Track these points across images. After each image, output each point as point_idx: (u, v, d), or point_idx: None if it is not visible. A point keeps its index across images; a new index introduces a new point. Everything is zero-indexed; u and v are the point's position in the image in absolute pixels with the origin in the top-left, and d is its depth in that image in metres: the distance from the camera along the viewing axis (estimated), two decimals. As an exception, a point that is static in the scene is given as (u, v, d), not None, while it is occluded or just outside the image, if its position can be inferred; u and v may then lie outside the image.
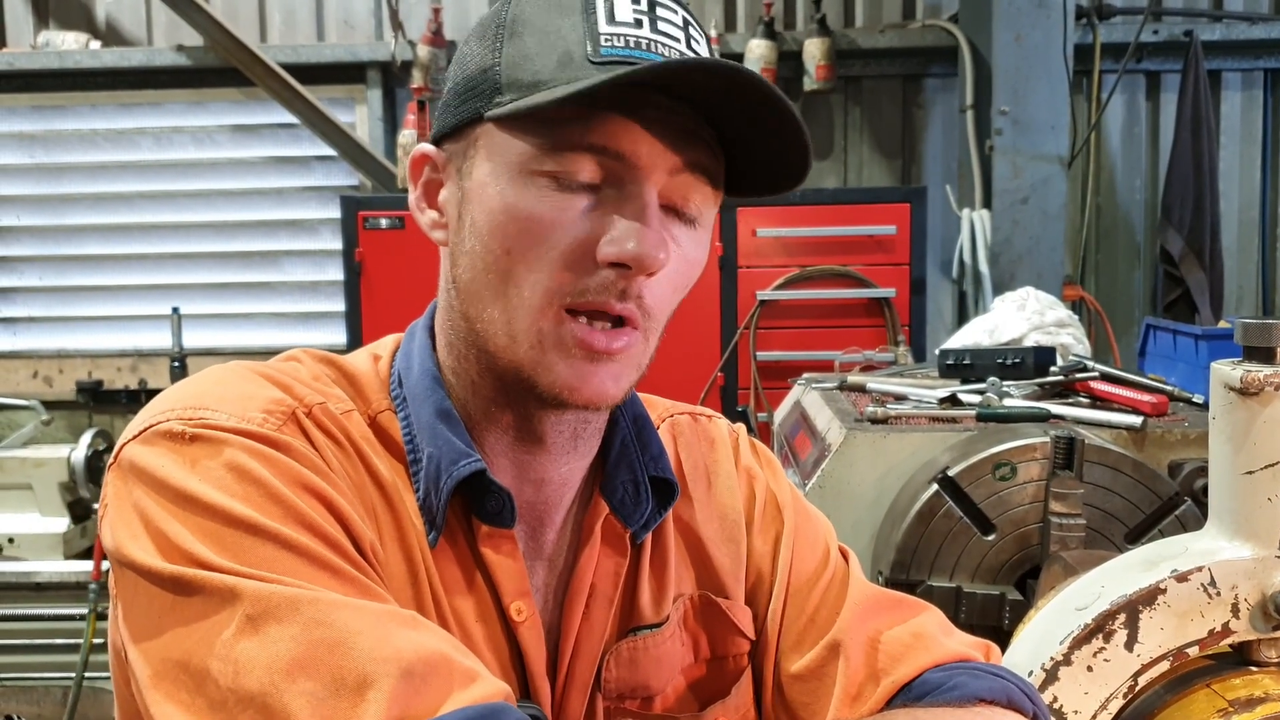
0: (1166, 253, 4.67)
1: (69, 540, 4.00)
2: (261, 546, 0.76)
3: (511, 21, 0.86)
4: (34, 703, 3.77)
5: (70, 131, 5.23)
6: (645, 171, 0.84)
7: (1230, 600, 1.13)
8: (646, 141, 0.83)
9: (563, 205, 0.84)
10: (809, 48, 4.73)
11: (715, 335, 4.10)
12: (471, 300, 0.88)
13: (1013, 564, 1.78)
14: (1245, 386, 1.09)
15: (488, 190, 0.86)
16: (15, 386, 5.21)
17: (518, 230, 0.84)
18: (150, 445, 0.81)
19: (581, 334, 0.84)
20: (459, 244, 0.89)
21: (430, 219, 0.93)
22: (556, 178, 0.83)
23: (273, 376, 0.89)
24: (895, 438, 1.97)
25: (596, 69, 0.81)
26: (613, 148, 0.83)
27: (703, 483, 1.06)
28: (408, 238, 4.12)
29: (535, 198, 0.84)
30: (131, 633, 0.78)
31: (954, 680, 0.95)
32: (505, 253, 0.85)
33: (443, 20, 4.85)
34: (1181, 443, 1.94)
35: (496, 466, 0.93)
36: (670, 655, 0.99)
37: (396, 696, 0.70)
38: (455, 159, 0.90)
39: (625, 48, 0.83)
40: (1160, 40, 4.83)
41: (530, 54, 0.84)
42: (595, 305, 0.84)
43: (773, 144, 0.87)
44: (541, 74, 0.83)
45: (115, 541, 0.80)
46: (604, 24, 0.84)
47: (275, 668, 0.71)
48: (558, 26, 0.84)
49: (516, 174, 0.84)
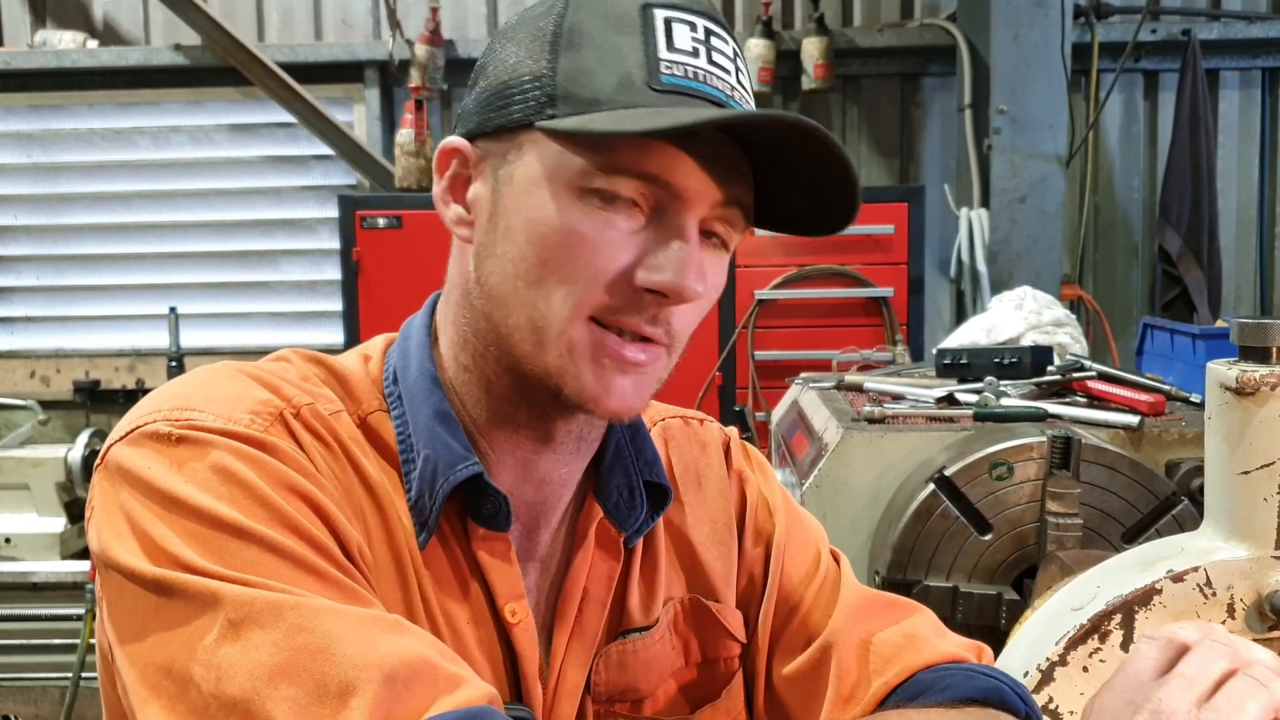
0: (1164, 252, 4.67)
1: (66, 540, 3.99)
2: (246, 549, 0.76)
3: (569, 31, 0.85)
4: (31, 703, 3.77)
5: (67, 131, 5.22)
6: (691, 204, 0.84)
7: (1226, 600, 1.13)
8: (696, 175, 0.84)
9: (605, 225, 0.83)
10: (807, 47, 4.73)
11: (713, 335, 4.10)
12: (499, 304, 0.87)
13: (1009, 564, 1.78)
14: (1241, 386, 1.08)
15: (530, 199, 0.85)
16: (12, 386, 5.20)
17: (557, 244, 0.84)
18: (137, 446, 0.81)
19: (614, 345, 0.85)
20: (488, 245, 0.88)
21: (455, 214, 0.91)
22: (603, 197, 0.83)
23: (261, 377, 0.88)
24: (892, 437, 1.96)
25: (657, 96, 0.82)
26: (664, 177, 0.83)
27: (694, 486, 1.05)
28: (405, 237, 4.11)
29: (580, 214, 0.83)
30: (117, 635, 0.78)
31: (946, 681, 0.95)
32: (541, 263, 0.84)
33: (440, 20, 4.85)
34: (1179, 442, 1.94)
35: (500, 466, 0.92)
36: (660, 658, 0.99)
37: (379, 702, 0.70)
38: (492, 159, 0.88)
39: (684, 78, 0.84)
40: (1158, 39, 4.83)
41: (589, 70, 0.83)
42: (626, 325, 0.85)
43: (821, 191, 0.88)
44: (600, 93, 0.82)
45: (101, 543, 0.79)
46: (664, 50, 0.84)
47: (257, 674, 0.71)
48: (617, 46, 0.84)
49: (563, 187, 0.84)
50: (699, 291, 0.84)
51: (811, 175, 0.87)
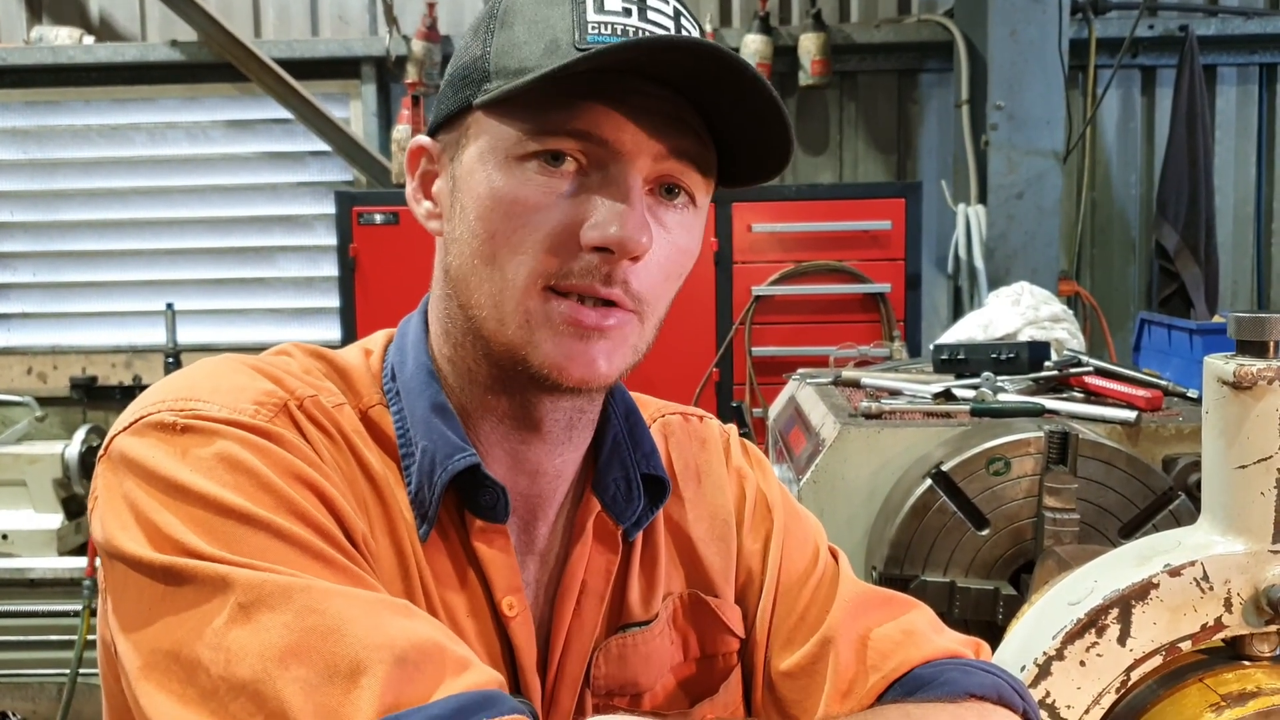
0: (1161, 248, 4.67)
1: (63, 536, 4.00)
2: (253, 536, 0.76)
3: (503, 12, 0.88)
4: (29, 699, 3.77)
5: (64, 127, 5.21)
6: (628, 157, 0.84)
7: (1223, 595, 1.13)
8: (630, 128, 0.84)
9: (546, 189, 0.84)
10: (804, 43, 4.73)
11: (710, 331, 4.10)
12: (462, 286, 0.88)
13: (1006, 559, 1.78)
14: (1238, 380, 1.09)
15: (475, 176, 0.87)
16: (9, 383, 5.20)
17: (502, 214, 0.85)
18: (141, 436, 0.81)
19: (569, 310, 0.85)
20: (450, 232, 0.90)
21: (426, 209, 0.94)
22: (543, 160, 0.84)
23: (264, 369, 0.89)
24: (889, 433, 1.97)
25: (582, 56, 0.81)
26: (595, 133, 0.83)
27: (693, 482, 1.06)
28: (402, 233, 4.11)
29: (519, 181, 0.84)
30: (121, 624, 0.78)
31: (944, 676, 0.95)
32: (490, 236, 0.85)
33: (437, 15, 4.84)
34: (1176, 437, 1.94)
35: (492, 458, 0.93)
36: (659, 653, 0.99)
37: (390, 683, 0.70)
38: (449, 149, 0.91)
39: (612, 35, 0.83)
40: (1155, 35, 4.83)
41: (519, 42, 0.85)
42: (580, 289, 0.84)
43: (757, 129, 0.87)
44: (528, 61, 0.84)
45: (105, 533, 0.79)
46: (592, 13, 0.84)
47: (267, 655, 0.71)
48: (546, 16, 0.85)
49: (502, 159, 0.85)
50: (644, 245, 0.84)
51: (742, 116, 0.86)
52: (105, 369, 5.22)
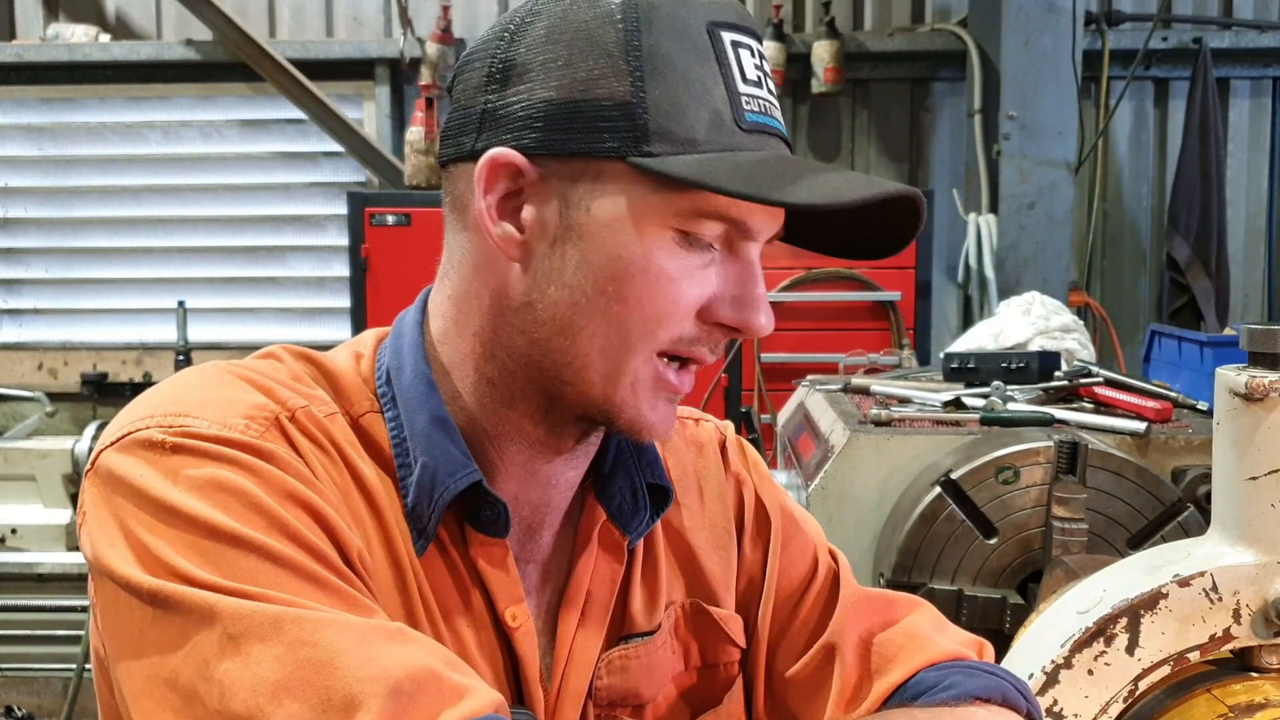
0: (1172, 259, 4.67)
1: (71, 532, 4.00)
2: (244, 558, 0.74)
3: (649, 55, 0.82)
4: (34, 694, 3.77)
5: (78, 124, 5.24)
6: (759, 238, 0.88)
7: (1232, 606, 1.13)
8: (770, 215, 0.87)
9: (687, 263, 0.85)
10: (817, 50, 4.74)
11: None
12: (562, 331, 0.85)
13: (1014, 568, 1.78)
14: (1250, 392, 1.09)
15: (614, 234, 0.83)
16: (20, 378, 5.22)
17: (641, 281, 0.84)
18: (129, 454, 0.79)
19: (673, 379, 0.88)
20: (551, 272, 0.85)
21: (504, 232, 0.86)
22: (685, 235, 0.84)
23: (253, 379, 0.86)
24: (898, 440, 1.96)
25: (745, 137, 0.83)
26: (745, 221, 0.86)
27: (693, 490, 1.04)
28: (414, 235, 4.12)
29: (666, 254, 0.84)
30: (113, 645, 0.77)
31: (949, 679, 0.95)
32: (622, 299, 0.84)
33: (452, 18, 4.86)
34: (1185, 449, 1.94)
35: (504, 473, 0.91)
36: (661, 663, 0.98)
37: (384, 716, 0.69)
38: (559, 182, 0.84)
39: (760, 114, 0.85)
40: (1169, 47, 4.83)
41: (681, 104, 0.82)
42: (692, 355, 0.88)
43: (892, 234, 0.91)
44: (695, 131, 0.82)
45: (95, 551, 0.78)
46: (740, 83, 0.85)
47: (260, 690, 0.70)
48: (700, 77, 0.83)
49: (648, 225, 0.83)
50: (771, 328, 0.88)
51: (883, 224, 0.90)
52: (116, 365, 5.24)
